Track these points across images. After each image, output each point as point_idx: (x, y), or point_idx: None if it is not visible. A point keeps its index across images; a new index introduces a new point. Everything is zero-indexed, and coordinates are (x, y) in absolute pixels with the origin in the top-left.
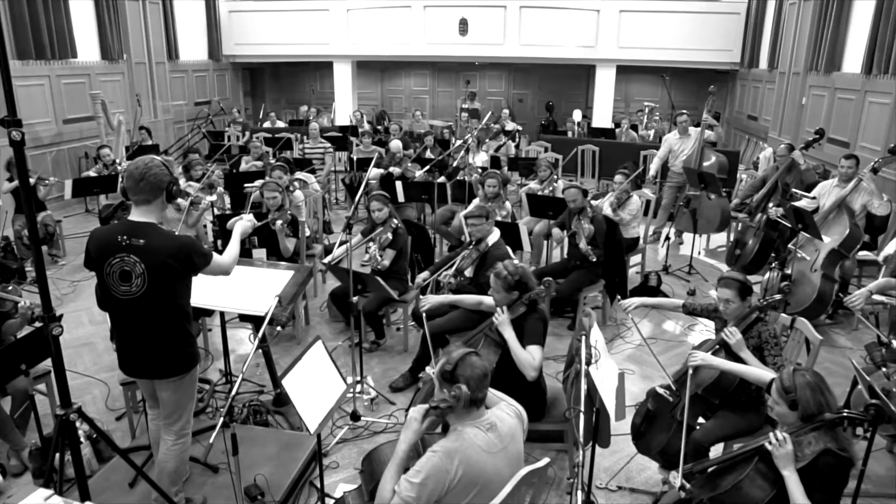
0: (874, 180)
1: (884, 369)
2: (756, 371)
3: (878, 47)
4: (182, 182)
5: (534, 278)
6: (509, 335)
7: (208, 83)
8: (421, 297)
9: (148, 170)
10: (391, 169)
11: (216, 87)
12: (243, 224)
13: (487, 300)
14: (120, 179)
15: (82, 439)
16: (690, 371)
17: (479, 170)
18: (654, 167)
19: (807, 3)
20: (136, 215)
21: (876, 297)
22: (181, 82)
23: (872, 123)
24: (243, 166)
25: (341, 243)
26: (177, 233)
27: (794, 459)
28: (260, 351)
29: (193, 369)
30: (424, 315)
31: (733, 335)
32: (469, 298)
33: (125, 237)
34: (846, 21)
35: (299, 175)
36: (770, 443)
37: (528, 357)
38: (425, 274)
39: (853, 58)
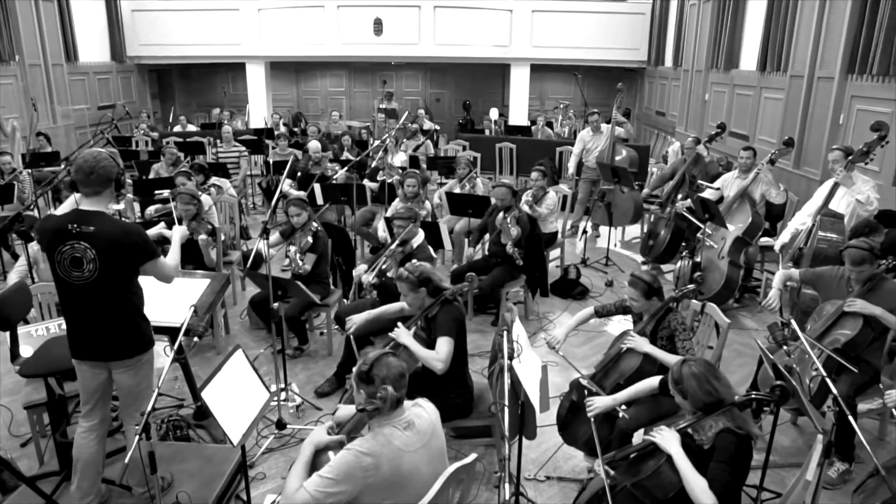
0: (771, 171)
1: (785, 347)
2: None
3: (770, 46)
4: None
5: (437, 273)
6: (409, 342)
7: (112, 86)
8: (347, 318)
9: (97, 163)
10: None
11: (121, 89)
12: (182, 230)
13: (400, 305)
14: (17, 189)
15: None
16: (623, 350)
17: (399, 170)
18: (571, 165)
19: (706, 3)
20: (85, 205)
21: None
22: (82, 85)
23: (768, 117)
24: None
25: (258, 250)
26: None
27: (702, 442)
28: (177, 364)
29: (150, 351)
30: (351, 332)
31: (633, 339)
32: (392, 308)
33: (75, 225)
34: (741, 21)
35: (214, 180)
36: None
37: (431, 354)
38: (364, 266)
39: (749, 56)
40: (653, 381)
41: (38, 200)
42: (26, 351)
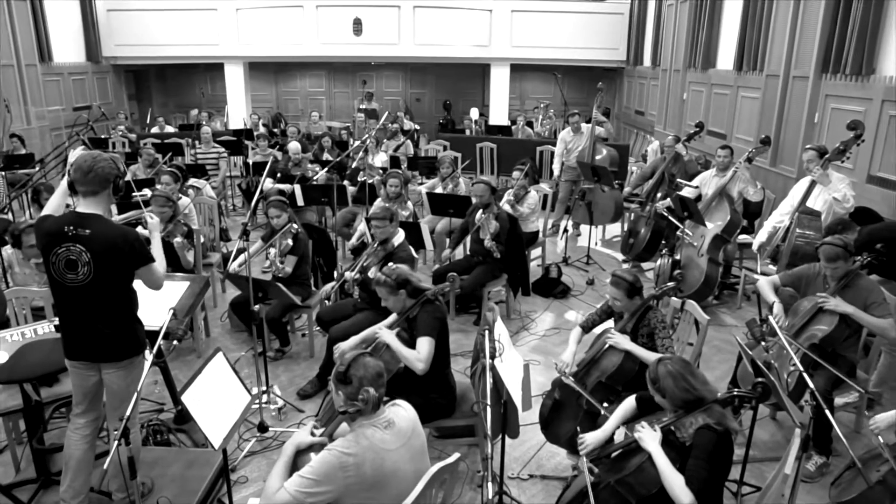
0: (749, 169)
1: (763, 343)
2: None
3: (746, 46)
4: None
5: (416, 274)
6: (391, 340)
7: (87, 87)
8: (335, 347)
9: (96, 163)
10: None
11: (97, 90)
12: (155, 222)
13: (385, 323)
14: None
15: None
16: (605, 348)
17: (380, 170)
18: (556, 167)
19: (683, 4)
20: (82, 207)
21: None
22: (56, 86)
23: (745, 116)
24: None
25: (238, 251)
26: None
27: (684, 439)
28: (157, 367)
29: (141, 354)
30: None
31: (612, 337)
32: (370, 331)
33: (71, 227)
34: (718, 21)
35: (193, 182)
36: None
37: (412, 354)
38: (329, 286)
39: (726, 55)
40: (630, 402)
41: (13, 203)
42: (0, 356)
